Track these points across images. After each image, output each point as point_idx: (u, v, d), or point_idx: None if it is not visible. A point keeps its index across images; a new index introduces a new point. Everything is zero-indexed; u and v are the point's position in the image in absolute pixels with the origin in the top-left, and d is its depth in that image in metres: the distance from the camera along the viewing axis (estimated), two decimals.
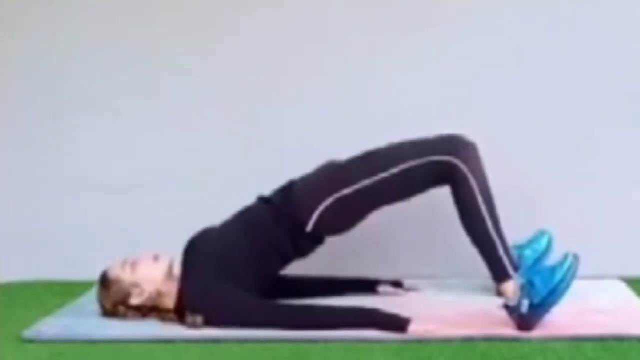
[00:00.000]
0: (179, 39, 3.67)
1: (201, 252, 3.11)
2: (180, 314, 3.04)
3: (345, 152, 3.57)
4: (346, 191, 3.08)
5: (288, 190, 3.18)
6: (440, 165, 3.06)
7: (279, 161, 3.64)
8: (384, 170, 3.08)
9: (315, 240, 3.17)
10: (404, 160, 3.08)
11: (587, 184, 3.54)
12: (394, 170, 3.07)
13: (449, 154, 3.07)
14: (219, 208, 3.58)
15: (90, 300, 3.24)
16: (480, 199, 3.06)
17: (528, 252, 3.27)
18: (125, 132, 3.72)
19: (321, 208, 3.09)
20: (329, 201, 3.09)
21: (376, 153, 3.15)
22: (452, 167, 3.06)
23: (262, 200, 3.21)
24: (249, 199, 3.53)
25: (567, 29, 3.54)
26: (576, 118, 3.55)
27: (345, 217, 3.13)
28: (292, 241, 3.11)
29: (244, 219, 3.18)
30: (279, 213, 3.12)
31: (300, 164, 3.60)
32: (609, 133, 3.54)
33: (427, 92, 3.59)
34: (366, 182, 3.08)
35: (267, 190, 3.51)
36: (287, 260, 3.16)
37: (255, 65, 3.65)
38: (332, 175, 3.15)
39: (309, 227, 3.10)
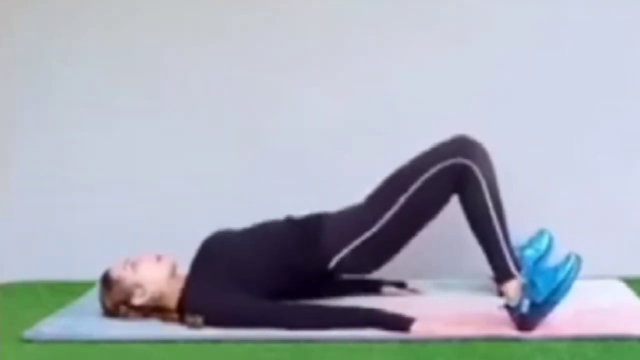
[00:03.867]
0: (178, 38, 3.67)
1: (215, 255, 3.11)
2: (181, 313, 3.04)
3: (345, 151, 3.58)
4: (368, 233, 3.07)
5: (317, 224, 3.16)
6: (451, 169, 3.05)
7: (278, 161, 3.64)
8: (399, 197, 3.06)
9: (332, 276, 3.16)
10: (415, 178, 3.06)
11: (587, 183, 3.54)
12: (409, 193, 3.06)
13: (457, 155, 3.06)
14: (219, 208, 3.59)
15: (91, 300, 3.24)
16: (488, 197, 3.05)
17: (529, 252, 3.26)
18: (125, 132, 3.72)
19: (346, 251, 3.09)
20: (353, 245, 3.08)
21: (387, 182, 3.13)
22: (462, 167, 3.04)
23: (290, 223, 3.20)
24: (249, 199, 3.54)
25: (567, 30, 3.54)
26: (575, 118, 3.55)
27: (370, 259, 3.12)
28: (309, 271, 3.10)
29: (268, 234, 3.16)
30: (304, 242, 3.12)
31: (300, 165, 3.61)
32: (609, 132, 3.54)
33: (428, 92, 3.59)
34: (386, 218, 3.06)
35: (267, 189, 3.52)
36: (298, 284, 3.14)
37: (254, 65, 3.64)
38: (355, 218, 3.12)
39: (331, 265, 3.10)
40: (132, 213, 3.70)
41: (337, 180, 3.59)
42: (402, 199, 3.06)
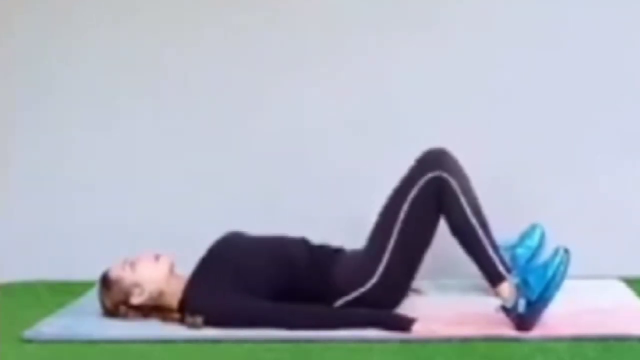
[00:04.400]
0: (178, 38, 3.67)
1: (224, 256, 3.11)
2: (182, 312, 3.04)
3: (345, 151, 3.58)
4: (373, 280, 3.04)
5: (331, 257, 3.13)
6: (429, 185, 3.04)
7: (278, 161, 3.64)
8: (394, 224, 3.05)
9: (330, 304, 3.12)
10: (403, 202, 3.05)
11: (587, 183, 3.54)
12: (402, 217, 3.05)
13: (428, 170, 3.05)
14: (219, 208, 3.59)
15: (90, 300, 3.24)
16: (466, 205, 3.04)
17: (520, 251, 3.27)
18: (125, 132, 3.72)
19: (353, 295, 3.05)
20: (360, 292, 3.05)
21: (378, 220, 3.12)
22: (438, 179, 3.04)
23: (306, 245, 3.17)
24: (249, 199, 3.54)
25: (567, 30, 3.54)
26: (575, 118, 3.55)
27: (384, 298, 3.07)
28: (314, 296, 3.05)
29: (281, 249, 3.14)
30: (315, 271, 3.08)
31: (300, 165, 3.61)
32: (608, 132, 3.54)
33: (428, 92, 3.59)
34: (388, 253, 3.05)
35: (267, 189, 3.51)
36: (299, 300, 3.11)
37: (254, 65, 3.64)
38: (360, 266, 3.08)
39: (337, 304, 3.06)
40: (132, 213, 3.70)
41: (337, 180, 3.60)
42: (395, 233, 3.05)
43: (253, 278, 3.05)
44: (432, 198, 3.05)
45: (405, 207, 3.06)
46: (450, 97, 3.57)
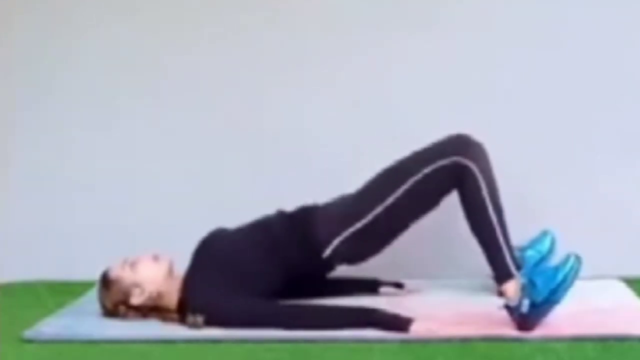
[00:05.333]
0: (178, 38, 3.67)
1: (211, 254, 3.11)
2: (181, 313, 3.04)
3: (344, 152, 3.58)
4: (364, 221, 3.07)
5: (309, 214, 3.17)
6: (450, 167, 3.04)
7: (279, 161, 3.64)
8: (396, 188, 3.07)
9: (327, 266, 3.17)
10: (414, 172, 3.06)
11: (587, 183, 3.54)
12: (407, 185, 3.06)
13: (457, 154, 3.05)
14: (219, 208, 3.59)
15: (90, 300, 3.24)
16: (488, 198, 3.05)
17: (530, 253, 3.27)
18: (125, 132, 3.72)
19: (340, 238, 3.09)
20: (347, 232, 3.08)
21: (385, 173, 3.13)
22: (462, 167, 3.04)
23: (283, 216, 3.20)
24: (249, 199, 3.53)
25: (564, 29, 3.54)
26: (575, 118, 3.55)
27: (365, 247, 3.12)
28: (304, 262, 3.11)
29: (262, 229, 3.17)
30: (297, 234, 3.12)
31: (300, 165, 3.61)
32: (608, 132, 3.54)
33: (429, 92, 3.59)
34: (383, 206, 3.06)
35: (267, 189, 3.51)
36: (295, 278, 3.14)
37: (254, 66, 3.64)
38: (349, 206, 3.13)
39: (325, 253, 3.10)
40: (132, 213, 3.70)
41: (337, 180, 3.58)
42: (398, 192, 3.06)
43: (244, 267, 3.06)
44: (449, 181, 3.06)
45: (419, 175, 3.05)
46: (451, 97, 3.57)
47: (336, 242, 3.10)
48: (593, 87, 3.53)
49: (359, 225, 3.08)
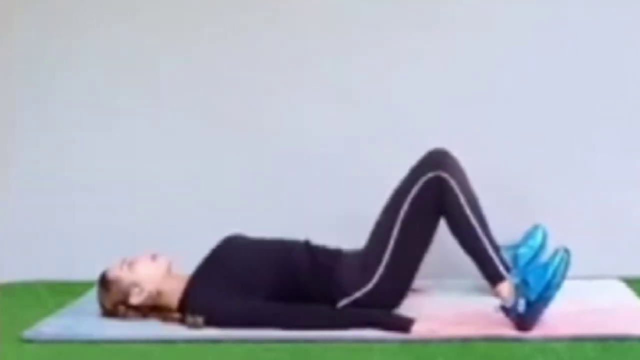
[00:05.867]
0: (178, 38, 3.67)
1: (226, 258, 3.11)
2: (181, 312, 3.04)
3: (345, 151, 3.58)
4: (374, 281, 3.05)
5: (334, 259, 3.12)
6: (429, 184, 3.06)
7: (279, 161, 3.64)
8: (395, 223, 3.06)
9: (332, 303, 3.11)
10: (403, 201, 3.06)
11: (587, 183, 3.54)
12: (402, 216, 3.05)
13: (429, 170, 3.07)
14: (220, 208, 3.59)
15: (90, 300, 3.24)
16: (465, 204, 3.06)
17: (523, 251, 3.27)
18: (124, 132, 3.72)
19: (356, 295, 3.05)
20: (362, 292, 3.05)
21: (379, 221, 3.13)
22: (439, 180, 3.05)
23: (308, 248, 3.16)
24: (249, 199, 3.54)
25: (564, 29, 3.54)
26: (575, 118, 3.55)
27: (384, 299, 3.06)
28: (314, 298, 3.05)
29: (283, 251, 3.13)
30: (317, 273, 3.08)
31: (300, 165, 3.61)
32: (608, 132, 3.54)
33: (429, 93, 3.58)
34: (391, 249, 3.06)
35: (267, 189, 3.51)
36: (299, 300, 3.12)
37: (254, 66, 3.64)
38: (360, 266, 3.08)
39: (340, 305, 3.06)
40: (132, 213, 3.70)
41: (337, 179, 3.59)
42: (395, 232, 3.06)
43: (255, 281, 3.05)
44: (432, 198, 3.06)
45: (405, 206, 3.06)
46: (451, 97, 3.57)
47: (353, 298, 3.05)
48: (593, 87, 3.53)
49: (372, 284, 3.05)
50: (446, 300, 3.21)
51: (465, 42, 3.57)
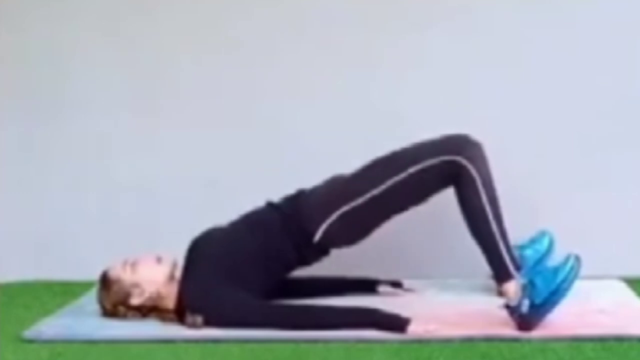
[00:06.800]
0: (181, 37, 3.67)
1: (204, 252, 3.11)
2: (180, 314, 3.04)
3: (344, 152, 3.58)
4: (353, 204, 3.08)
5: (297, 200, 3.17)
6: (447, 165, 3.06)
7: (280, 160, 3.64)
8: (391, 177, 3.07)
9: (321, 251, 3.17)
10: (410, 164, 3.07)
11: (587, 183, 3.54)
12: (402, 175, 3.07)
13: (456, 153, 3.06)
14: (220, 208, 3.58)
15: (90, 300, 3.24)
16: (485, 199, 3.06)
17: (529, 252, 3.27)
18: (125, 132, 3.72)
19: (329, 220, 3.09)
20: (337, 214, 3.09)
21: (381, 161, 3.14)
22: (459, 167, 3.05)
23: (271, 206, 3.20)
24: (251, 199, 3.52)
25: (567, 28, 3.54)
26: (576, 118, 3.55)
27: (353, 230, 3.13)
28: (297, 250, 3.11)
29: (252, 222, 3.17)
30: (287, 221, 3.12)
31: (300, 163, 3.61)
32: (609, 133, 3.54)
33: (428, 92, 3.59)
34: (374, 192, 3.07)
35: (269, 188, 3.50)
36: (290, 267, 3.16)
37: (254, 67, 3.64)
38: (340, 188, 3.14)
39: (316, 237, 3.10)
40: (132, 213, 3.70)
41: None
42: (393, 179, 3.07)
43: (237, 263, 3.06)
44: (445, 178, 3.07)
45: (415, 167, 3.06)
46: (452, 97, 3.57)
47: (325, 225, 3.09)
48: (594, 87, 3.53)
49: (348, 206, 3.08)
50: (446, 300, 3.21)
51: (466, 41, 3.57)
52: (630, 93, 3.54)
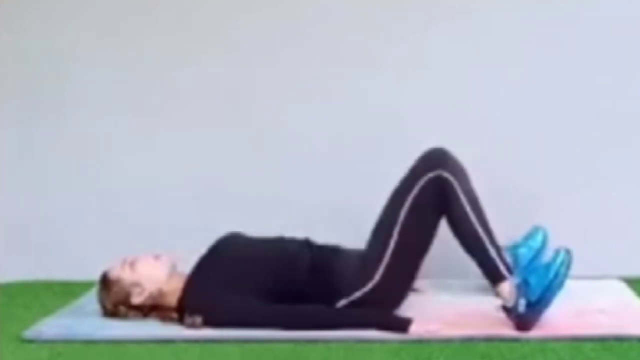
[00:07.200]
0: (181, 36, 3.67)
1: (224, 257, 3.10)
2: (181, 311, 3.04)
3: (344, 152, 3.58)
4: (373, 282, 3.02)
5: (333, 256, 3.11)
6: (430, 183, 3.05)
7: (281, 161, 3.64)
8: (393, 230, 3.04)
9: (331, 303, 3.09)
10: (402, 205, 3.05)
11: (587, 183, 3.54)
12: (401, 223, 3.04)
13: (430, 170, 3.05)
14: (220, 208, 3.59)
15: (90, 300, 3.24)
16: (467, 204, 3.05)
17: (523, 251, 3.26)
18: (125, 132, 3.72)
19: (355, 295, 3.03)
20: (362, 292, 3.03)
21: (379, 221, 3.11)
22: (439, 179, 3.04)
23: (307, 245, 3.15)
24: (250, 199, 3.54)
25: (567, 28, 3.54)
26: (576, 118, 3.55)
27: (385, 300, 3.04)
28: (312, 297, 3.03)
29: (282, 250, 3.12)
30: (316, 271, 3.06)
31: (300, 163, 3.61)
32: (609, 133, 3.54)
33: (429, 92, 3.59)
34: (386, 259, 3.03)
35: (269, 188, 3.52)
36: (297, 300, 3.10)
37: (254, 67, 3.64)
38: (360, 266, 3.06)
39: (339, 304, 3.04)
40: (132, 213, 3.70)
41: (338, 180, 3.59)
42: (395, 233, 3.04)
43: (253, 279, 3.04)
44: (433, 198, 3.05)
45: (406, 207, 3.06)
46: (452, 98, 3.57)
47: (352, 298, 3.03)
48: (593, 86, 3.53)
49: (371, 285, 3.02)
50: (446, 300, 3.21)
51: (465, 42, 3.57)
52: (631, 93, 3.54)
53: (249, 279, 3.04)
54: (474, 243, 3.08)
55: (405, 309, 2.98)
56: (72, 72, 3.72)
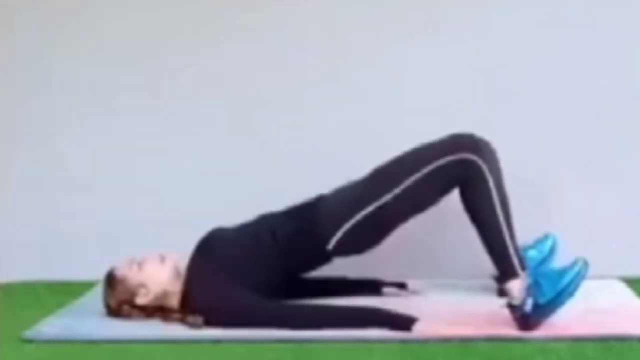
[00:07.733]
0: (178, 37, 3.67)
1: (211, 253, 3.11)
2: (183, 312, 3.04)
3: (345, 152, 3.58)
4: (368, 210, 3.06)
5: (313, 207, 3.15)
6: (458, 163, 3.04)
7: (279, 161, 3.64)
8: (405, 178, 3.05)
9: (327, 259, 3.15)
10: (421, 166, 3.06)
11: (588, 184, 3.55)
12: (417, 176, 3.05)
13: (466, 150, 3.05)
14: (220, 208, 3.59)
15: (91, 300, 3.24)
16: (495, 196, 3.05)
17: (533, 253, 3.27)
18: (125, 132, 3.72)
19: (344, 229, 3.07)
20: (351, 222, 3.07)
21: (392, 164, 3.13)
22: (471, 163, 3.04)
23: (286, 213, 3.18)
24: (250, 199, 3.53)
25: (568, 28, 3.54)
26: (576, 118, 3.56)
27: (367, 237, 3.11)
28: (308, 258, 3.10)
29: (264, 228, 3.15)
30: (301, 230, 3.11)
31: (301, 163, 3.61)
32: (609, 133, 3.54)
33: (431, 93, 3.59)
34: (388, 196, 3.06)
35: (270, 188, 3.52)
36: (294, 272, 3.15)
37: (255, 67, 3.65)
38: (353, 195, 3.12)
39: (329, 246, 3.09)
40: (132, 213, 3.70)
41: (338, 181, 3.59)
42: (405, 183, 3.05)
43: (245, 266, 3.06)
44: (456, 176, 3.05)
45: (426, 169, 3.05)
46: (453, 98, 3.57)
47: (341, 233, 3.08)
48: (596, 88, 3.53)
49: (362, 214, 3.06)
50: (446, 300, 3.21)
51: (469, 43, 3.57)
52: (631, 93, 3.54)
53: (244, 268, 3.05)
54: (495, 235, 3.05)
55: (406, 310, 2.97)
56: (72, 72, 3.72)
